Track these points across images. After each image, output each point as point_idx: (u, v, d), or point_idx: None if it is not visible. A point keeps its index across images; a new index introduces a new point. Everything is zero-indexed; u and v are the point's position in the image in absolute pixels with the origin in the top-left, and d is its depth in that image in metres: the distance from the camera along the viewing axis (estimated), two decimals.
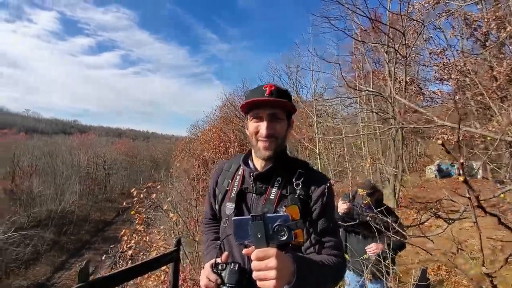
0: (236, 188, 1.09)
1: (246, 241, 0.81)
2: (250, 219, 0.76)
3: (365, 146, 11.48)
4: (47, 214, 27.69)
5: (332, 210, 1.04)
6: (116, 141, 65.45)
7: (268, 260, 0.72)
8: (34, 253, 22.53)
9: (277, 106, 1.01)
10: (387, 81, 4.82)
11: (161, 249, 7.76)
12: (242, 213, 1.06)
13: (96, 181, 42.29)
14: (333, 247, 0.98)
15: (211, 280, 0.90)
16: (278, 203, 1.00)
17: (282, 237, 0.75)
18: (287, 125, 1.08)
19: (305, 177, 1.03)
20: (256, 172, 1.07)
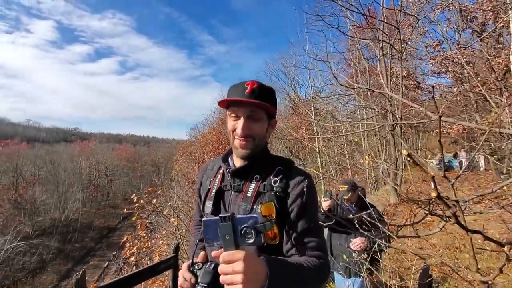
0: (216, 186, 1.08)
1: (215, 243, 0.77)
2: (219, 220, 0.73)
3: (364, 142, 11.44)
4: (51, 223, 27.81)
5: (313, 209, 1.00)
6: (117, 147, 65.66)
7: (235, 264, 0.68)
8: (40, 262, 22.64)
9: (256, 106, 0.98)
10: (382, 77, 4.79)
11: (164, 253, 7.76)
12: (219, 211, 1.03)
13: (98, 188, 42.43)
14: (315, 248, 0.94)
15: (186, 279, 0.87)
16: (255, 200, 0.97)
17: (249, 240, 0.72)
18: (267, 125, 1.05)
19: (283, 174, 1.00)
20: (233, 168, 1.05)
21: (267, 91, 1.02)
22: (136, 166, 53.94)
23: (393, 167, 6.04)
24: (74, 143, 66.21)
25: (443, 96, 7.91)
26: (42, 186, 33.67)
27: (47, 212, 29.55)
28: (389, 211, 6.89)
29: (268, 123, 1.05)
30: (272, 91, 1.06)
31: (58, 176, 36.57)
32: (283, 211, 0.96)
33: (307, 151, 13.34)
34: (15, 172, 35.09)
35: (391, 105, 6.19)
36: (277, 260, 0.81)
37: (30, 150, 46.33)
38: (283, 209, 0.96)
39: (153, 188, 8.55)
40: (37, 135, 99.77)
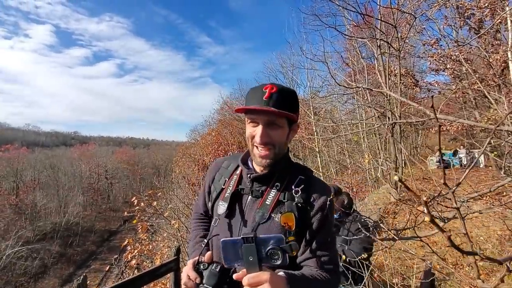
0: (231, 187, 1.04)
1: (236, 264, 0.75)
2: (241, 241, 0.72)
3: (364, 141, 11.44)
4: (52, 227, 27.79)
5: (331, 223, 0.98)
6: (117, 150, 65.63)
7: (262, 287, 0.69)
8: (41, 266, 22.64)
9: (275, 114, 0.92)
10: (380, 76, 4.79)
11: (165, 256, 7.74)
12: (234, 215, 1.01)
13: (99, 191, 42.43)
14: (329, 262, 0.94)
15: (191, 278, 0.87)
16: (274, 209, 0.94)
17: (276, 261, 0.71)
18: (288, 131, 1.00)
19: (305, 184, 0.97)
20: (255, 174, 1.01)
21: (288, 95, 0.95)
22: (136, 168, 53.93)
23: (393, 166, 6.04)
24: (73, 147, 66.17)
25: (442, 93, 7.92)
26: (42, 190, 33.66)
27: (48, 216, 29.56)
28: (390, 210, 6.89)
29: (289, 129, 1.00)
30: (293, 95, 0.99)
31: (58, 180, 36.58)
32: (304, 222, 0.94)
33: (307, 151, 13.33)
34: (16, 177, 35.09)
35: (389, 103, 6.19)
36: (296, 276, 0.82)
37: (30, 154, 46.30)
38: (304, 221, 0.94)
39: (154, 191, 8.54)
40: (37, 140, 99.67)
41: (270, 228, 0.92)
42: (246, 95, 1.01)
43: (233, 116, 20.68)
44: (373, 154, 8.73)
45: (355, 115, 11.76)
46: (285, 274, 0.77)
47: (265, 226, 0.93)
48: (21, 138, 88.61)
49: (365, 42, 6.70)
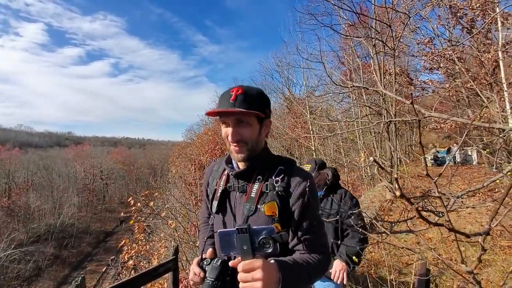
0: (221, 187, 1.12)
1: (232, 253, 0.82)
2: (235, 232, 0.78)
3: (360, 139, 11.53)
4: (46, 229, 27.47)
5: (315, 207, 1.04)
6: (112, 151, 65.13)
7: (255, 272, 0.75)
8: (35, 269, 22.36)
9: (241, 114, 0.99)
10: (375, 75, 4.83)
11: (162, 256, 7.71)
12: (225, 211, 1.10)
13: (94, 192, 42.05)
14: (319, 244, 1.01)
15: (196, 273, 0.95)
16: (259, 200, 1.01)
17: (267, 249, 0.77)
18: (259, 127, 1.05)
19: (285, 173, 1.03)
20: (236, 171, 1.08)
21: (253, 94, 1.02)
22: (132, 169, 53.56)
23: (388, 164, 6.10)
24: (68, 147, 65.42)
25: (436, 92, 8.02)
26: (36, 192, 33.23)
27: (42, 218, 29.20)
28: (386, 207, 6.97)
29: (260, 125, 1.05)
30: (260, 94, 1.06)
31: (52, 181, 36.17)
32: (286, 209, 1.00)
33: (303, 150, 13.39)
34: (8, 179, 34.60)
35: (385, 102, 6.25)
36: (286, 262, 0.87)
37: (22, 155, 45.75)
38: (286, 208, 1.00)
39: (150, 191, 8.50)
40: (30, 140, 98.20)
41: (258, 219, 0.99)
42: (218, 100, 1.09)
43: None
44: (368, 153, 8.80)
45: (351, 113, 11.84)
46: (276, 261, 0.83)
47: (254, 218, 1.00)
48: (13, 139, 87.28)
49: (361, 41, 6.75)
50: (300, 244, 1.00)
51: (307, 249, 0.98)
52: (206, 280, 0.88)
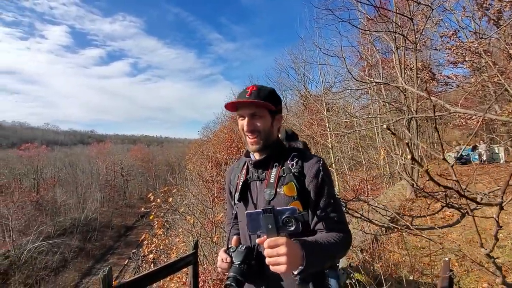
0: (242, 179, 1.22)
1: (258, 232, 0.91)
2: (261, 212, 0.86)
3: (379, 137, 11.23)
4: (71, 223, 28.81)
5: (330, 186, 1.11)
6: (132, 148, 67.13)
7: (279, 248, 0.82)
8: (62, 260, 23.52)
9: (255, 105, 1.12)
10: (396, 70, 4.68)
11: (181, 251, 7.91)
12: (246, 201, 1.19)
13: (115, 188, 43.58)
14: (338, 222, 1.07)
15: (223, 260, 1.05)
16: (277, 184, 1.10)
17: (290, 227, 0.85)
18: (272, 120, 1.17)
19: (298, 158, 1.13)
20: (254, 160, 1.19)
21: (266, 91, 1.16)
22: (150, 166, 54.99)
23: (409, 162, 5.92)
24: (90, 145, 68.03)
25: (461, 87, 7.67)
26: (62, 187, 34.93)
27: (67, 212, 30.65)
28: (406, 206, 6.77)
29: (272, 119, 1.18)
30: (272, 91, 1.19)
31: (76, 177, 37.84)
32: (303, 190, 1.08)
33: (319, 147, 13.22)
34: (36, 175, 36.53)
35: (406, 98, 6.05)
36: (309, 241, 0.93)
37: (49, 153, 47.99)
38: (303, 188, 1.09)
39: (169, 188, 8.72)
40: (56, 138, 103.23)
41: (279, 201, 1.07)
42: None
43: None
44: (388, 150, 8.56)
45: (369, 110, 11.55)
46: (299, 240, 0.89)
47: (275, 201, 1.08)
48: (41, 137, 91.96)
49: (380, 36, 6.56)
50: (320, 222, 1.06)
51: (326, 227, 1.05)
52: (233, 264, 0.97)
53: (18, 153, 40.70)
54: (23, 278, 19.53)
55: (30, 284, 19.58)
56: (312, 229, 1.08)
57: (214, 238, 6.87)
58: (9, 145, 68.57)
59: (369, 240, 4.24)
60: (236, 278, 0.93)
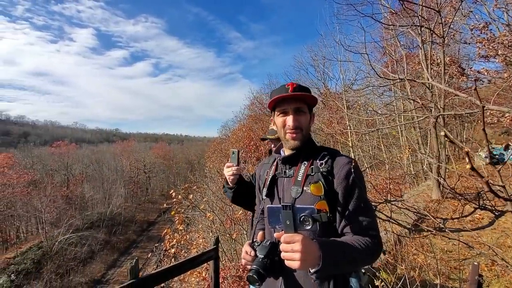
0: (271, 174, 1.23)
1: (277, 226, 0.93)
2: (281, 208, 0.87)
3: (402, 135, 10.84)
4: (98, 217, 30.24)
5: (362, 188, 1.06)
6: (154, 146, 69.15)
7: (294, 244, 0.83)
8: (89, 252, 24.76)
9: (300, 100, 1.12)
10: (423, 65, 4.48)
11: (201, 246, 8.09)
12: (273, 196, 1.20)
13: (138, 184, 45.19)
14: (367, 227, 1.01)
15: (247, 252, 1.05)
16: (305, 182, 1.08)
17: (307, 226, 0.86)
18: (310, 117, 1.18)
19: (328, 157, 1.10)
20: (283, 156, 1.19)
21: (306, 88, 1.16)
22: (171, 163, 56.41)
23: (436, 161, 5.67)
24: (115, 143, 70.84)
25: (493, 82, 7.22)
26: (89, 183, 36.73)
27: (94, 206, 32.19)
28: (431, 208, 6.51)
29: (310, 116, 1.18)
30: (308, 89, 1.19)
31: (102, 173, 39.60)
32: (331, 190, 1.05)
33: (339, 146, 12.97)
34: (66, 171, 38.63)
35: (432, 95, 5.79)
36: (329, 242, 0.92)
37: (78, 150, 50.49)
38: (331, 189, 1.05)
39: (189, 185, 8.93)
40: (83, 136, 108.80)
41: (304, 199, 1.06)
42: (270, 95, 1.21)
43: (263, 112, 20.72)
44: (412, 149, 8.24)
45: (392, 107, 11.16)
46: (317, 240, 0.88)
47: (301, 199, 1.06)
48: (70, 135, 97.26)
49: (405, 31, 6.31)
50: (347, 226, 1.03)
51: (354, 231, 1.01)
52: (257, 258, 0.99)
53: (50, 151, 43.23)
54: (55, 268, 20.75)
55: (61, 273, 20.79)
56: (340, 232, 1.05)
57: (233, 235, 6.97)
58: (42, 142, 73.24)
59: (392, 242, 4.13)
60: (258, 271, 0.94)
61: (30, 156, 36.58)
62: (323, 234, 1.02)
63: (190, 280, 7.17)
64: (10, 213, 23.85)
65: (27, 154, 37.26)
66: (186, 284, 7.18)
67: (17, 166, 28.94)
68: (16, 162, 29.72)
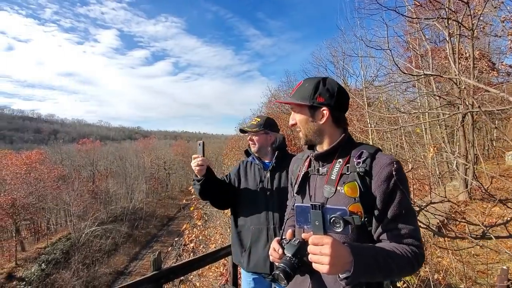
0: (303, 171, 1.17)
1: (305, 226, 0.89)
2: (310, 207, 0.83)
3: (427, 133, 10.39)
4: (121, 211, 31.53)
5: (404, 194, 0.96)
6: (173, 144, 70.89)
7: (323, 247, 0.78)
8: (113, 244, 25.89)
9: (296, 101, 1.11)
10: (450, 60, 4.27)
11: (218, 242, 8.22)
12: (304, 193, 1.14)
13: (158, 181, 46.60)
14: (408, 235, 0.93)
15: (275, 249, 1.00)
16: (339, 182, 1.01)
17: (337, 229, 0.80)
18: (315, 113, 1.09)
19: (367, 156, 1.00)
20: (316, 153, 1.12)
21: (307, 85, 1.10)
22: (190, 160, 57.31)
23: (463, 160, 5.40)
24: (137, 140, 73.35)
25: None
26: (113, 178, 38.35)
27: (118, 201, 33.58)
28: (458, 210, 6.22)
29: (316, 112, 1.09)
30: (317, 83, 1.09)
31: (125, 169, 41.18)
32: (367, 193, 0.96)
33: None
34: (92, 167, 40.56)
35: (460, 91, 5.50)
36: (362, 248, 0.86)
37: (102, 147, 52.86)
38: (367, 191, 0.96)
39: None
40: (108, 134, 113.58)
41: (337, 200, 0.98)
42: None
43: (281, 110, 20.61)
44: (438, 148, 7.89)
45: (416, 104, 10.73)
46: (349, 245, 0.82)
47: (333, 199, 0.99)
48: (95, 132, 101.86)
49: (430, 24, 6.03)
50: (385, 233, 0.94)
51: (392, 239, 0.93)
52: (285, 256, 0.94)
53: (77, 147, 45.57)
54: (82, 258, 21.89)
55: (87, 264, 21.92)
56: (376, 239, 0.97)
57: None
58: (70, 140, 77.27)
59: None
60: (285, 270, 0.89)
61: (59, 153, 38.66)
62: (356, 239, 0.95)
63: (208, 275, 7.32)
64: (41, 205, 25.39)
65: (56, 150, 39.38)
66: (204, 279, 7.33)
67: (48, 161, 30.67)
68: (47, 158, 31.49)
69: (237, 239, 1.90)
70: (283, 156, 1.88)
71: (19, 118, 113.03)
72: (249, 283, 1.89)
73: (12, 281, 18.05)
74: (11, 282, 17.88)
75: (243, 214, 1.87)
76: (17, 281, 18.09)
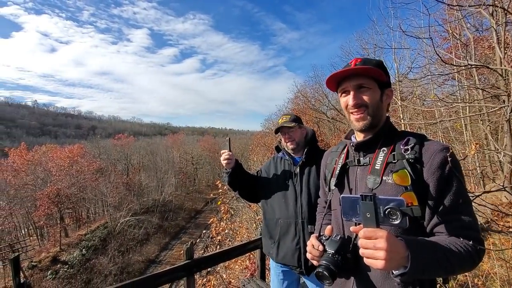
0: (341, 163, 1.07)
1: (354, 219, 0.80)
2: (359, 198, 0.76)
3: (467, 130, 9.66)
4: (152, 203, 33.14)
5: (460, 182, 0.87)
6: (200, 139, 72.81)
7: (377, 241, 0.70)
8: (145, 234, 27.35)
9: (362, 75, 0.95)
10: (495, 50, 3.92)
11: (244, 236, 8.37)
12: (343, 186, 1.05)
13: (187, 175, 48.26)
14: (466, 227, 0.84)
15: (314, 246, 0.92)
16: (384, 171, 0.92)
17: (394, 221, 0.72)
18: (381, 93, 0.99)
19: (416, 143, 0.91)
20: (356, 142, 1.02)
21: (373, 62, 0.99)
22: (217, 156, 58.56)
23: (509, 160, 4.97)
24: (167, 136, 76.31)
25: None
26: (145, 172, 40.40)
27: (150, 193, 35.33)
28: (501, 212, 5.74)
29: (381, 92, 0.99)
30: (380, 62, 1.01)
31: (156, 164, 43.10)
32: (419, 181, 0.88)
33: None
34: (126, 160, 42.93)
35: (506, 83, 5.05)
36: (419, 242, 0.78)
37: (135, 142, 55.64)
38: (418, 180, 0.88)
39: None
40: (140, 130, 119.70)
41: (384, 190, 0.90)
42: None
43: (307, 105, 20.30)
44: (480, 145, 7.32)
45: (454, 98, 9.99)
46: (403, 238, 0.75)
47: (379, 190, 0.91)
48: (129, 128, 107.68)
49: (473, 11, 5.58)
50: (440, 225, 0.86)
51: (449, 232, 0.84)
52: (326, 253, 0.88)
53: (113, 142, 48.41)
54: (117, 246, 23.39)
55: (122, 251, 23.39)
56: (429, 231, 0.88)
57: None
58: (106, 135, 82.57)
59: None
60: (329, 267, 0.83)
61: (97, 147, 41.30)
62: (407, 232, 0.85)
63: (234, 267, 7.50)
64: (82, 196, 27.45)
65: (95, 145, 42.12)
66: (230, 271, 7.53)
67: (87, 155, 32.98)
68: (86, 152, 33.91)
69: (266, 231, 1.95)
70: (313, 151, 1.86)
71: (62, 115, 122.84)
72: (278, 275, 1.93)
73: (56, 264, 19.80)
74: (55, 265, 19.62)
75: (272, 208, 1.90)
76: (61, 264, 19.81)
